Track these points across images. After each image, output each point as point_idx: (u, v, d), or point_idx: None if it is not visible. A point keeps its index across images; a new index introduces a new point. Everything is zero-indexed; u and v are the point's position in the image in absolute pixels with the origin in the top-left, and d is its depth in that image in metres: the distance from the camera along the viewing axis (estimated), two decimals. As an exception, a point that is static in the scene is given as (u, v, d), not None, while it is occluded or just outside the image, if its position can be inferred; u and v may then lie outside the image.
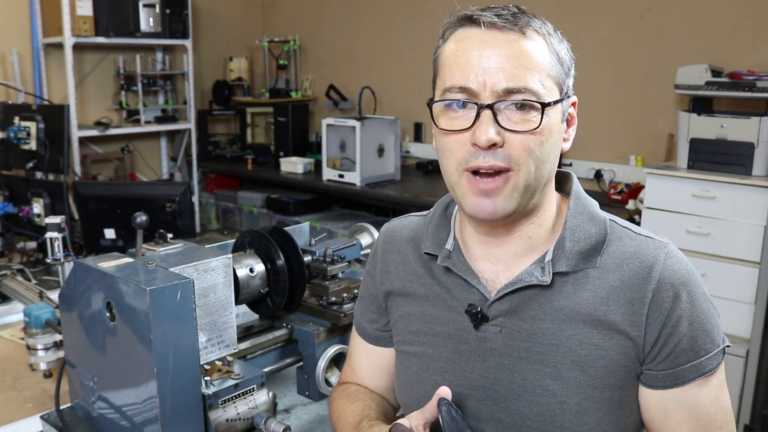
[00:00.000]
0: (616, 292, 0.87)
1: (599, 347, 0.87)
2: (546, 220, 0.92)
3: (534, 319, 0.89)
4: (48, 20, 4.05)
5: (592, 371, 0.87)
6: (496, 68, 0.82)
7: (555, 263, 0.88)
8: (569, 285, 0.88)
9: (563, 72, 0.87)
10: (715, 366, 0.88)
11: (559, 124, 0.87)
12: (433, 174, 4.08)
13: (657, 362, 0.88)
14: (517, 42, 0.82)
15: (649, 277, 0.86)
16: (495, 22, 0.83)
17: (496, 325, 0.91)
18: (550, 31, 0.87)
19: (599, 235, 0.90)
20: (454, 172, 0.86)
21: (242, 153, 4.82)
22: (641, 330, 0.86)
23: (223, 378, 1.13)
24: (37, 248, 2.55)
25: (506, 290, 0.90)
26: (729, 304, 2.61)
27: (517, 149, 0.83)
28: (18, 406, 1.44)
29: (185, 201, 2.35)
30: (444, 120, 0.86)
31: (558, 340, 0.88)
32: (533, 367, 0.89)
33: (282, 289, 1.35)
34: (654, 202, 2.83)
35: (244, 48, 5.23)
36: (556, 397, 0.87)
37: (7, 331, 1.85)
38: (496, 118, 0.82)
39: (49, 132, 2.68)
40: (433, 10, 4.17)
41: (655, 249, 0.89)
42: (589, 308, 0.87)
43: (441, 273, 0.97)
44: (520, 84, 0.81)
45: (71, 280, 1.16)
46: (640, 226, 0.97)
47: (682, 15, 3.24)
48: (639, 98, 3.44)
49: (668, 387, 0.88)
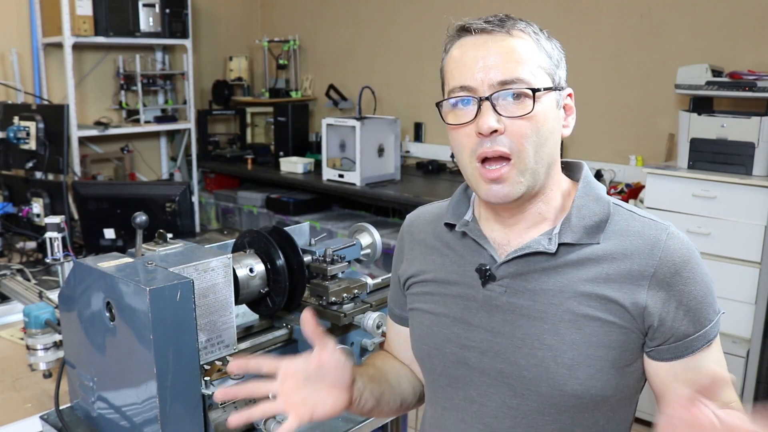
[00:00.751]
0: (617, 264, 0.95)
1: (596, 308, 0.94)
2: (553, 198, 1.01)
3: (537, 281, 0.98)
4: (48, 20, 4.05)
5: (588, 329, 0.94)
6: (490, 65, 0.93)
7: (561, 235, 0.98)
8: (573, 255, 0.97)
9: (552, 64, 0.97)
10: (717, 331, 0.98)
11: (554, 110, 0.97)
12: (433, 174, 4.08)
13: (669, 337, 0.95)
14: (506, 41, 0.94)
15: (651, 254, 0.95)
16: (484, 27, 0.95)
17: (502, 286, 1.00)
18: (536, 31, 0.98)
19: (603, 213, 0.99)
20: (468, 164, 0.97)
21: (242, 153, 4.82)
22: (642, 303, 0.94)
23: (222, 378, 1.13)
24: (36, 248, 2.55)
25: (514, 254, 0.99)
26: (729, 304, 2.61)
27: (515, 135, 0.93)
28: (18, 406, 1.44)
29: (185, 201, 2.34)
30: (452, 117, 0.97)
31: (558, 300, 0.96)
32: (533, 323, 0.97)
33: (282, 289, 1.35)
34: (654, 202, 2.83)
35: (244, 48, 5.23)
36: (551, 351, 0.95)
37: (7, 331, 1.85)
38: (495, 108, 0.93)
39: (49, 132, 2.68)
40: (433, 10, 4.17)
41: (657, 229, 0.97)
42: (590, 276, 0.95)
43: (456, 241, 1.07)
44: (513, 75, 0.93)
45: (71, 280, 1.15)
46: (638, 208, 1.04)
47: (682, 15, 3.24)
48: (639, 98, 3.44)
49: (678, 358, 0.96)
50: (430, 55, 4.21)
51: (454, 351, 1.03)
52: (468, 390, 1.02)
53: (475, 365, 1.01)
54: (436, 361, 1.06)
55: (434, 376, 1.08)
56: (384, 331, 1.36)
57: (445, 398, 1.06)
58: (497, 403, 0.99)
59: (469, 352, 1.02)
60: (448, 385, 1.05)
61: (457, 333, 1.03)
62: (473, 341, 1.01)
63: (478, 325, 1.01)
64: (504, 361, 0.98)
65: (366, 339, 1.43)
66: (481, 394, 1.01)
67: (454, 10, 3.87)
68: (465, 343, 1.02)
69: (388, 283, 1.56)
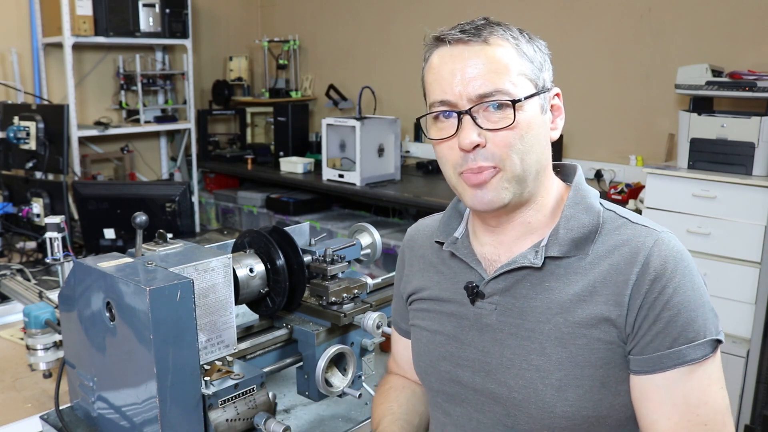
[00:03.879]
0: (603, 276, 0.92)
1: (582, 326, 0.91)
2: (544, 206, 0.99)
3: (525, 298, 0.96)
4: (47, 20, 4.05)
5: (574, 348, 0.91)
6: (467, 78, 0.91)
7: (548, 248, 0.95)
8: (561, 269, 0.95)
9: (535, 68, 0.94)
10: (699, 357, 0.88)
11: (539, 116, 0.94)
12: (433, 174, 4.08)
13: (637, 346, 0.90)
14: (483, 51, 0.91)
15: (635, 261, 0.90)
16: (460, 37, 0.92)
17: (492, 303, 0.99)
18: (515, 35, 0.94)
19: (592, 224, 0.96)
20: (452, 176, 0.96)
21: (242, 153, 4.82)
22: (623, 311, 0.90)
23: (222, 378, 1.13)
24: (36, 248, 2.55)
25: (501, 270, 0.98)
26: (729, 304, 2.61)
27: (498, 146, 0.91)
28: (17, 406, 1.44)
29: (185, 201, 2.34)
30: (434, 131, 0.96)
31: (545, 318, 0.94)
32: (521, 343, 0.95)
33: (282, 289, 1.35)
34: (654, 202, 2.83)
35: (244, 48, 5.23)
36: (539, 371, 0.93)
37: (7, 331, 1.85)
38: (476, 122, 0.91)
39: (49, 132, 2.68)
40: (433, 10, 4.17)
41: (646, 236, 0.93)
42: (576, 290, 0.93)
43: (449, 259, 1.07)
44: (491, 88, 0.90)
45: (71, 280, 1.15)
46: (636, 215, 1.00)
47: (682, 15, 3.24)
48: (639, 98, 3.44)
49: (646, 373, 0.90)
50: (430, 55, 4.20)
51: (448, 369, 1.03)
52: (465, 406, 1.02)
53: (468, 384, 1.01)
54: (432, 378, 1.07)
55: (433, 392, 1.09)
56: (384, 331, 1.36)
57: (444, 413, 1.07)
58: (493, 421, 0.99)
59: (462, 370, 1.01)
60: (445, 401, 1.06)
61: (451, 351, 1.03)
62: (465, 360, 1.01)
63: (470, 344, 1.01)
64: (494, 381, 0.98)
65: (366, 339, 1.43)
66: (477, 410, 1.01)
67: (454, 9, 3.88)
68: (458, 362, 1.02)
69: (388, 283, 1.57)
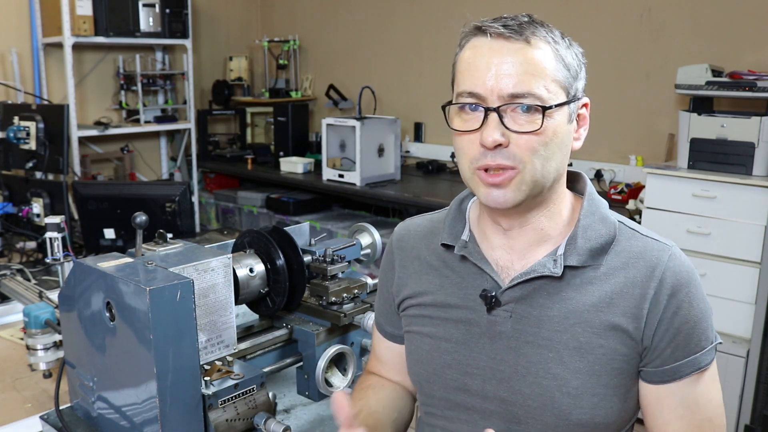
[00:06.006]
0: (620, 288, 0.94)
1: (599, 335, 0.93)
2: (556, 213, 0.98)
3: (542, 307, 0.95)
4: (47, 20, 4.05)
5: (591, 357, 0.93)
6: (502, 74, 0.88)
7: (566, 257, 0.95)
8: (578, 278, 0.95)
9: (570, 76, 0.93)
10: (709, 361, 0.95)
11: (565, 125, 0.93)
12: (433, 174, 4.08)
13: (655, 359, 0.94)
14: (522, 50, 0.89)
15: (652, 276, 0.93)
16: (502, 32, 0.89)
17: (507, 311, 0.97)
18: (557, 39, 0.92)
19: (609, 235, 0.97)
20: (468, 170, 0.94)
21: (242, 153, 4.82)
22: (641, 324, 0.93)
23: (222, 378, 1.13)
24: (36, 248, 2.55)
25: (520, 279, 0.96)
26: (729, 304, 2.61)
27: (521, 149, 0.89)
28: (17, 406, 1.44)
29: (185, 201, 2.34)
30: (457, 121, 0.93)
31: (563, 327, 0.94)
32: (538, 351, 0.95)
33: (282, 289, 1.35)
34: (654, 202, 2.83)
35: (244, 48, 5.23)
36: (556, 380, 0.94)
37: (7, 331, 1.85)
38: (502, 121, 0.88)
39: (49, 132, 2.68)
40: (433, 10, 4.17)
41: (659, 250, 0.96)
42: (594, 300, 0.94)
43: (455, 262, 1.04)
44: (524, 89, 0.88)
45: (71, 280, 1.15)
46: (642, 227, 1.02)
47: (682, 15, 3.24)
48: (639, 98, 3.43)
49: (664, 382, 0.95)
50: (430, 55, 4.21)
51: (455, 377, 1.01)
52: (471, 414, 1.01)
53: (476, 392, 0.99)
54: (435, 386, 1.04)
55: (434, 400, 1.05)
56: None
57: (446, 421, 1.04)
58: (500, 429, 0.97)
59: (471, 378, 0.99)
60: (448, 409, 1.03)
61: (458, 359, 1.01)
62: (475, 368, 0.99)
63: (480, 352, 0.99)
64: (508, 389, 0.97)
65: (366, 339, 1.43)
66: (484, 418, 0.99)
67: (455, 10, 3.88)
68: (466, 370, 1.00)
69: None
